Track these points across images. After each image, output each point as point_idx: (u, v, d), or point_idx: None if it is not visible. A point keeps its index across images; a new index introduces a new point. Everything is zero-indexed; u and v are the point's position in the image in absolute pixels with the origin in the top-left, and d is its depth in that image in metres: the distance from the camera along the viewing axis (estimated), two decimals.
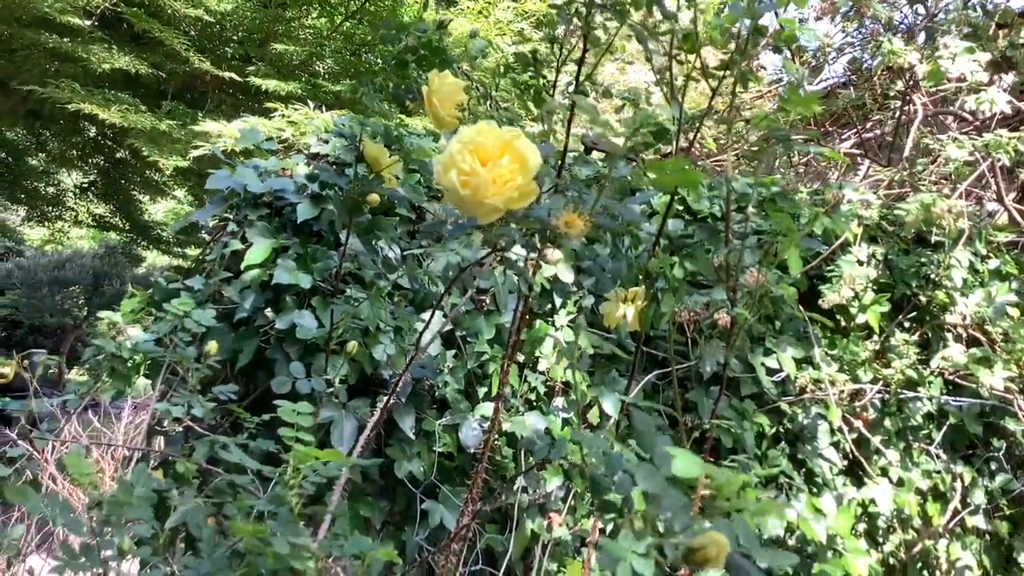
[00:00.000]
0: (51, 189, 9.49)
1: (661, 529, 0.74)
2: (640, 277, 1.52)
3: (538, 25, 6.56)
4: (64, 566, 1.01)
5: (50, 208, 9.69)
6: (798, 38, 1.31)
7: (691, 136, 1.40)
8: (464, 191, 0.97)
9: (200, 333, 1.73)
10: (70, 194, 9.62)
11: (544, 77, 1.59)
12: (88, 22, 5.57)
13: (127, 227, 9.75)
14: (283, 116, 4.92)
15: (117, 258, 11.73)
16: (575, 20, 1.47)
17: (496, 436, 1.76)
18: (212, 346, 1.63)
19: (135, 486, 1.16)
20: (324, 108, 5.22)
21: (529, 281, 1.40)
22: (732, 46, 1.34)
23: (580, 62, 1.46)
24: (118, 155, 8.15)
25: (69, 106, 5.66)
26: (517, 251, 1.25)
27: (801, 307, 2.08)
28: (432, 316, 1.45)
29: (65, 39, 5.61)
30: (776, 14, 1.46)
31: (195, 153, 5.03)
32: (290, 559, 0.91)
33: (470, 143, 0.98)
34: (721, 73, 1.29)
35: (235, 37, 6.43)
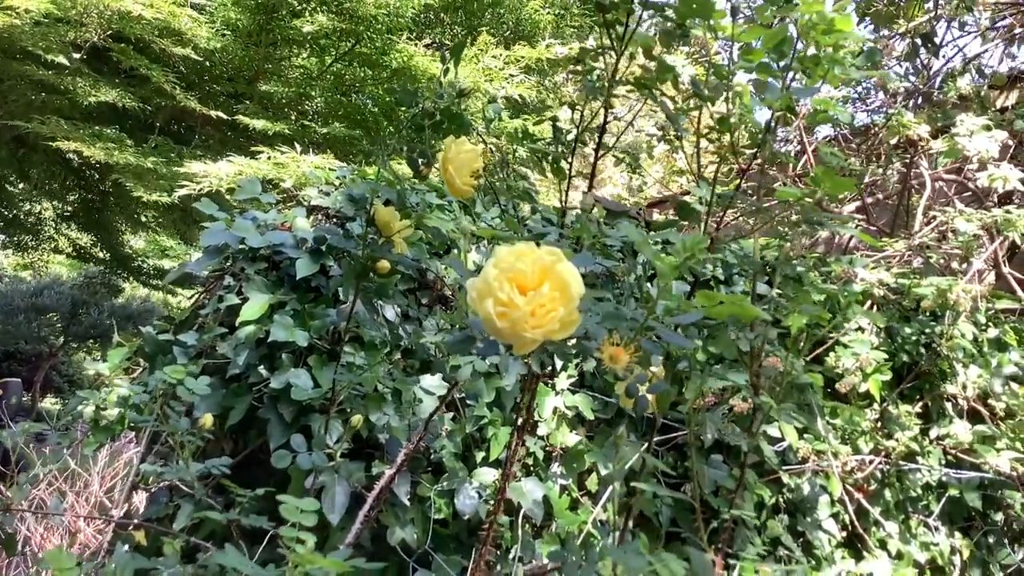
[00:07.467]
0: (31, 218, 9.36)
1: None
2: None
3: (527, 71, 6.55)
4: None
5: (29, 237, 9.54)
6: (832, 117, 1.28)
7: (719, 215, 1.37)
8: (501, 323, 0.90)
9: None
10: (50, 223, 9.49)
11: (563, 144, 1.55)
12: (76, 56, 5.52)
13: (107, 257, 9.60)
14: (270, 158, 4.87)
15: (96, 287, 11.54)
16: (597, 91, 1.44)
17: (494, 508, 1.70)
18: (207, 419, 1.56)
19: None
20: (312, 149, 5.17)
21: (533, 364, 1.36)
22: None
23: (601, 131, 1.43)
24: (101, 187, 8.04)
25: (53, 143, 5.60)
26: None
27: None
28: (448, 396, 1.40)
29: (51, 72, 5.56)
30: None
31: (180, 192, 4.97)
32: None
33: (509, 270, 0.90)
34: (751, 151, 1.26)
35: (224, 75, 6.38)
